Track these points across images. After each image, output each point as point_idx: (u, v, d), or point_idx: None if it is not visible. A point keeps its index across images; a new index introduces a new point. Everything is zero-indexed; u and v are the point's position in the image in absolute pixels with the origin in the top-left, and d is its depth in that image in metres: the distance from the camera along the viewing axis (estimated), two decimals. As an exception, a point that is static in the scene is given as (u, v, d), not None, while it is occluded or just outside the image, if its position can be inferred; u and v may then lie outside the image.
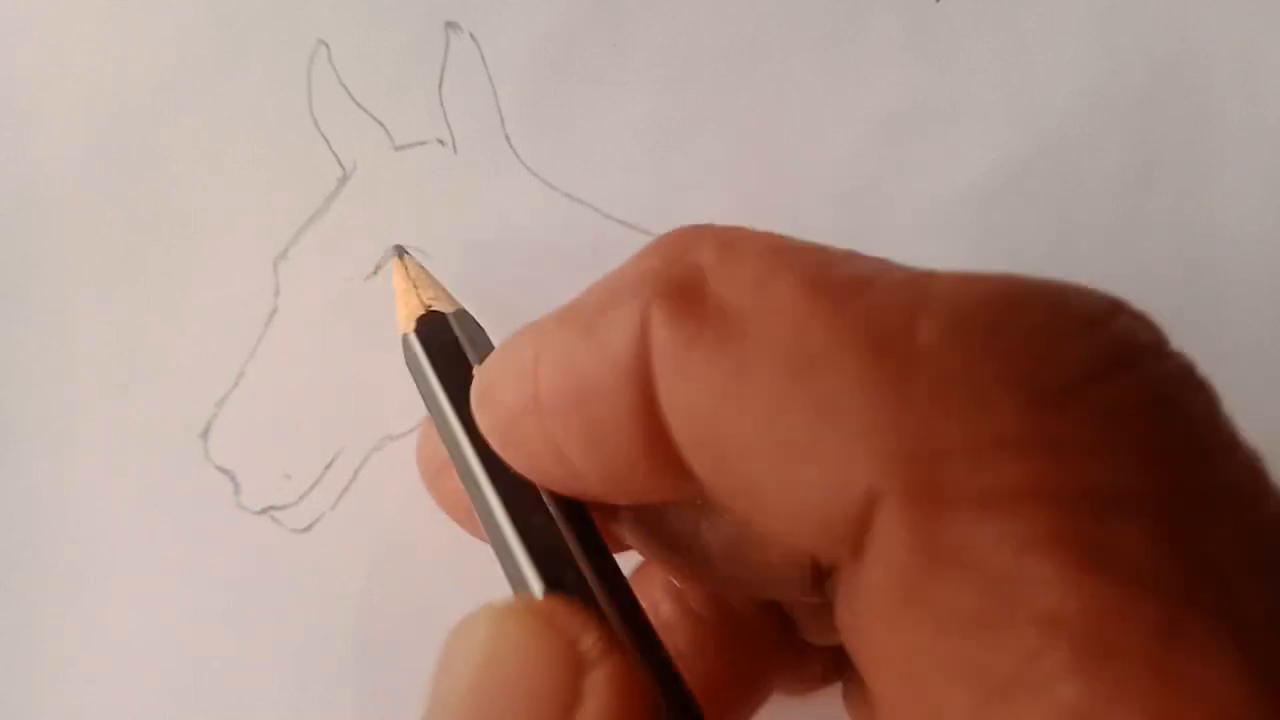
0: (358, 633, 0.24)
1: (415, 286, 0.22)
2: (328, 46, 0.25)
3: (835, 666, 0.21)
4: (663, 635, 0.17)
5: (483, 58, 0.25)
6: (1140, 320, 0.12)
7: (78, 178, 0.24)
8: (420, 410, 0.24)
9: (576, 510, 0.16)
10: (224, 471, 0.24)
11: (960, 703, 0.10)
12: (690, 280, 0.13)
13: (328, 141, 0.25)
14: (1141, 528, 0.10)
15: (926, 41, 0.26)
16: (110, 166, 0.24)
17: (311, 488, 0.24)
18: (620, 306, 0.14)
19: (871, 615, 0.12)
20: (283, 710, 0.24)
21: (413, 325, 0.21)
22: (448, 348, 0.20)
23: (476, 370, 0.18)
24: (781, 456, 0.12)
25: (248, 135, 0.24)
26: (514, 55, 0.25)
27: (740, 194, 0.26)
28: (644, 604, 0.17)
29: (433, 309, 0.22)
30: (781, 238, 0.14)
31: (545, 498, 0.16)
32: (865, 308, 0.12)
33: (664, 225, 0.26)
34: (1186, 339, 0.13)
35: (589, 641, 0.13)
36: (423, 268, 0.23)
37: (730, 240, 0.14)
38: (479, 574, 0.24)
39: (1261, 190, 0.26)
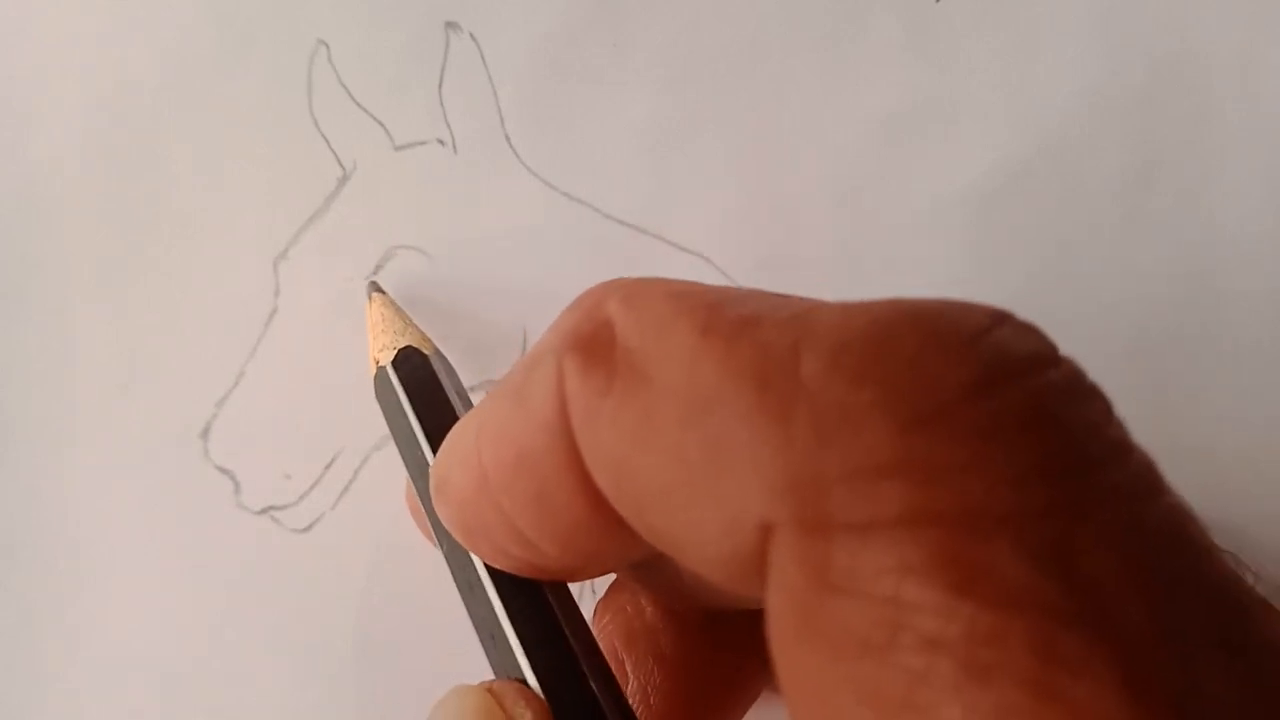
0: (358, 633, 0.24)
1: (386, 326, 0.22)
2: (328, 46, 0.25)
3: None
4: (646, 640, 0.18)
5: (483, 58, 0.25)
6: (1022, 331, 0.12)
7: (78, 178, 0.24)
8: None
9: (529, 589, 0.17)
10: (224, 471, 0.24)
11: None
12: (599, 334, 0.14)
13: (328, 141, 0.25)
14: (1017, 547, 0.10)
15: (926, 41, 0.26)
16: (110, 166, 0.24)
17: (311, 488, 0.24)
18: (540, 367, 0.14)
19: (778, 641, 0.12)
20: (283, 710, 0.24)
21: (391, 357, 0.21)
22: (424, 385, 0.20)
23: (431, 467, 0.18)
24: (686, 497, 0.13)
25: (248, 135, 0.24)
26: (514, 55, 0.25)
27: (740, 194, 0.26)
28: (628, 608, 0.18)
29: (409, 346, 0.22)
30: (684, 284, 0.14)
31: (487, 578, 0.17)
32: (752, 345, 0.12)
33: (664, 225, 0.26)
34: (1186, 339, 0.13)
35: (525, 714, 0.15)
36: (385, 308, 0.23)
37: (635, 292, 0.14)
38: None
39: (1261, 190, 0.26)
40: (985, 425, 0.11)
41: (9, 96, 0.24)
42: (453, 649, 0.24)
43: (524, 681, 0.16)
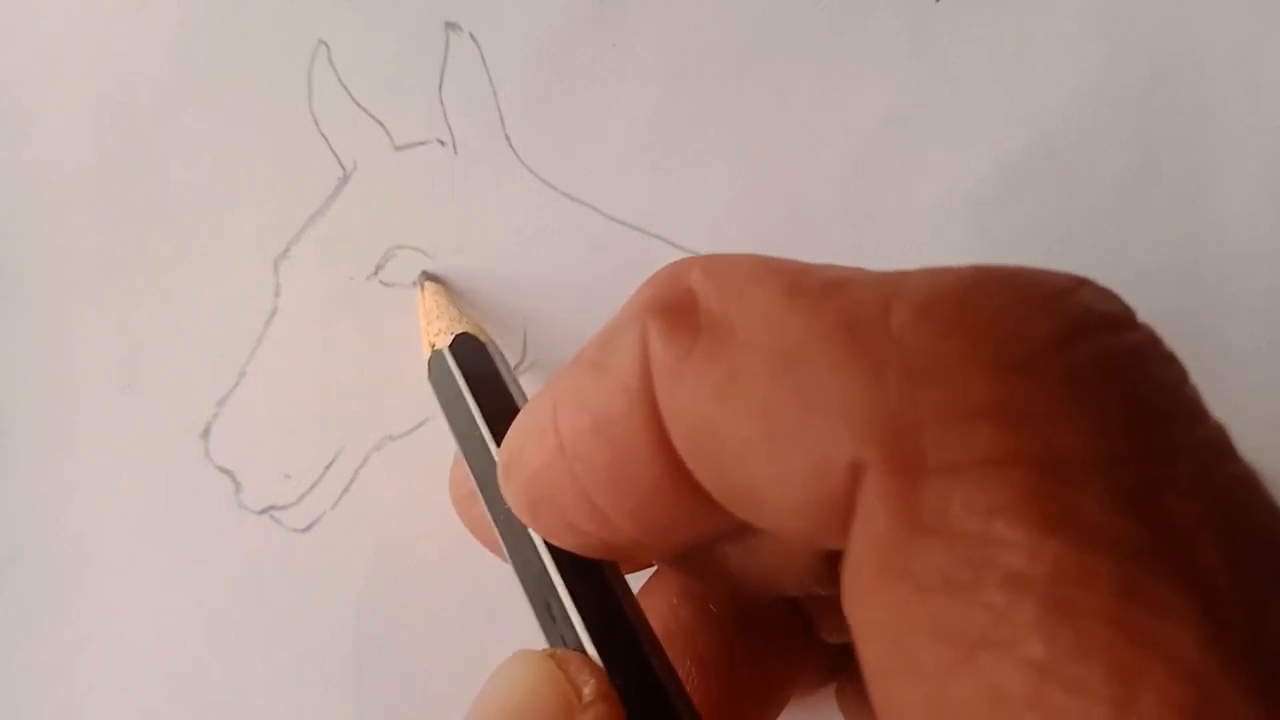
0: (358, 633, 0.24)
1: (441, 312, 0.22)
2: (328, 46, 0.25)
3: (833, 665, 0.21)
4: (683, 640, 0.18)
5: (483, 58, 0.25)
6: (1104, 294, 0.13)
7: (78, 178, 0.24)
8: (422, 411, 0.24)
9: (590, 569, 0.17)
10: (224, 471, 0.24)
11: (938, 660, 0.11)
12: (681, 300, 0.14)
13: (328, 141, 0.25)
14: (1104, 491, 0.11)
15: (926, 41, 0.26)
16: (110, 166, 0.24)
17: (311, 488, 0.24)
18: (621, 336, 0.15)
19: (857, 585, 0.12)
20: (283, 710, 0.24)
21: (448, 342, 0.21)
22: (479, 370, 0.21)
23: (499, 449, 0.18)
24: (772, 450, 0.13)
25: (248, 135, 0.24)
26: (514, 55, 0.25)
27: (740, 194, 0.26)
28: (662, 608, 0.18)
29: (435, 347, 0.22)
30: (763, 257, 0.15)
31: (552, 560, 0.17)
32: (840, 303, 0.13)
33: (664, 225, 0.26)
34: (1186, 339, 0.13)
35: (590, 686, 0.16)
36: (439, 294, 0.23)
37: (716, 263, 0.15)
38: (478, 574, 0.24)
39: (1261, 190, 0.26)
40: (1072, 375, 0.11)
41: (9, 96, 0.24)
42: (453, 649, 0.24)
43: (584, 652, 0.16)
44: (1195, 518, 0.11)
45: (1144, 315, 0.13)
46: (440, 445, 0.24)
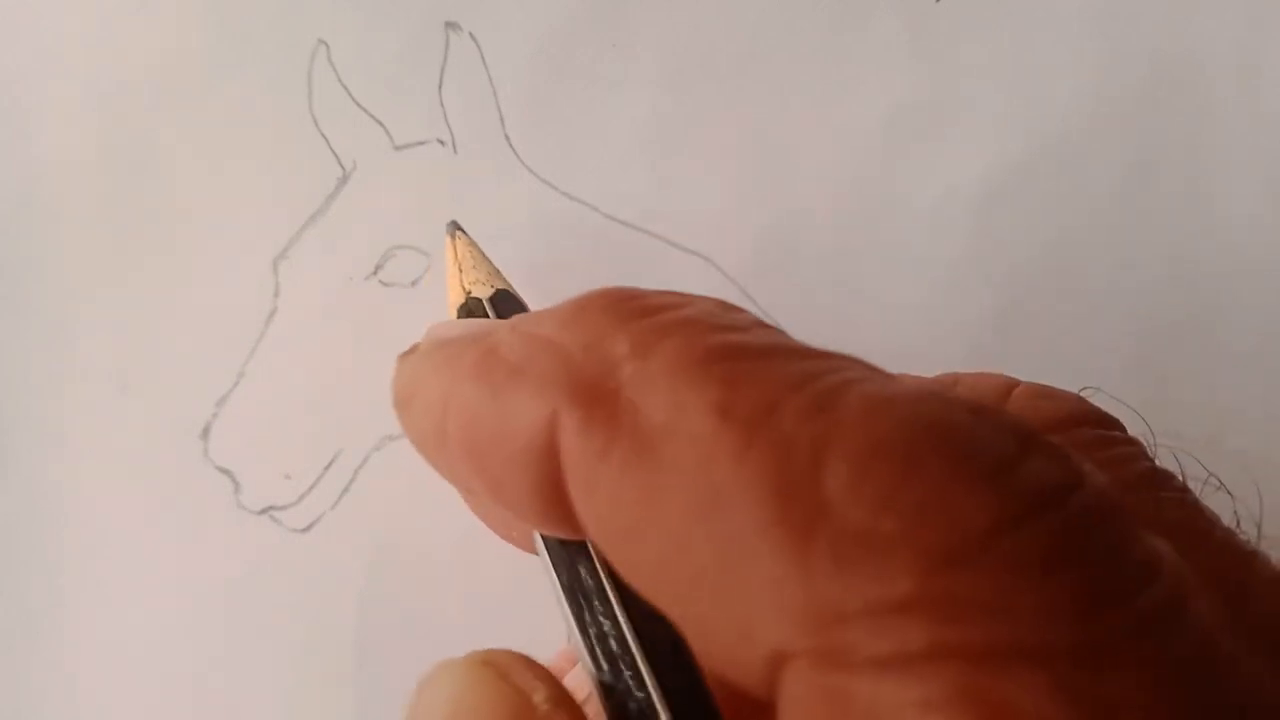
0: (358, 633, 0.24)
1: (460, 269, 0.22)
2: (328, 46, 0.25)
3: None
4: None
5: (483, 58, 0.25)
6: (1050, 458, 0.12)
7: (78, 177, 0.24)
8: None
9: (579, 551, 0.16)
10: (224, 471, 0.24)
11: None
12: (602, 382, 0.13)
13: (328, 141, 0.25)
14: (1041, 682, 0.10)
15: (926, 41, 0.26)
16: (110, 166, 0.24)
17: (311, 488, 0.24)
18: (528, 387, 0.14)
19: None
20: (283, 710, 0.24)
21: (489, 293, 0.21)
22: None
23: (395, 367, 0.17)
24: (689, 591, 0.12)
25: (248, 135, 0.24)
26: (514, 55, 0.25)
27: (740, 194, 0.26)
28: None
29: (471, 294, 0.21)
30: (695, 325, 0.13)
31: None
32: (772, 441, 0.12)
33: (664, 225, 0.26)
34: (1187, 339, 0.13)
35: (541, 695, 0.14)
36: (472, 247, 0.23)
37: (647, 339, 0.13)
38: (478, 574, 0.24)
39: (1261, 190, 0.26)
40: (1012, 563, 0.11)
41: (9, 96, 0.24)
42: (452, 649, 0.24)
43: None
44: (1145, 704, 0.10)
45: (1144, 315, 0.13)
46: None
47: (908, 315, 0.26)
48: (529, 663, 0.15)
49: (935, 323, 0.26)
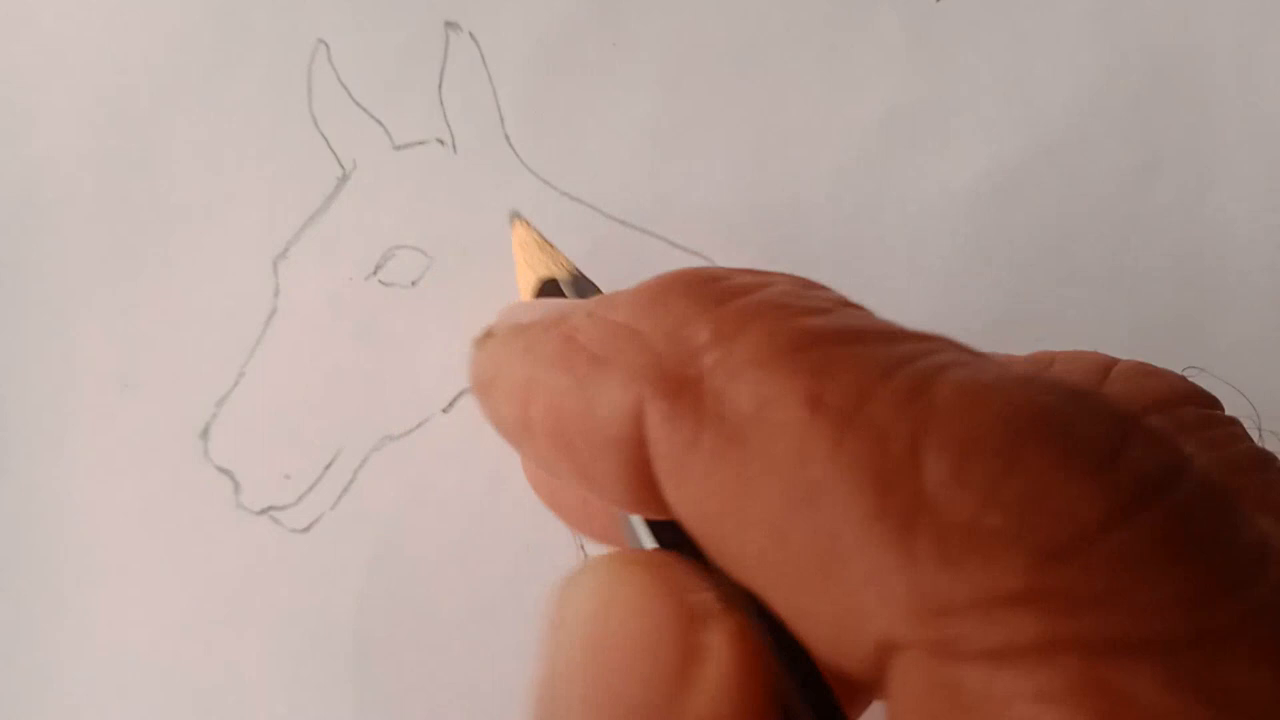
0: (358, 633, 0.24)
1: (529, 252, 0.22)
2: (328, 46, 0.25)
3: None
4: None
5: (483, 58, 0.25)
6: (1153, 446, 0.12)
7: (78, 177, 0.24)
8: (421, 411, 0.24)
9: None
10: (224, 471, 0.24)
11: None
12: (685, 374, 0.13)
13: (327, 141, 0.25)
14: (1159, 673, 0.10)
15: (926, 41, 0.26)
16: (110, 166, 0.24)
17: (311, 488, 0.24)
18: (612, 377, 0.13)
19: None
20: (283, 710, 0.24)
21: (567, 277, 0.21)
22: None
23: (471, 352, 0.17)
24: (789, 580, 0.12)
25: (248, 135, 0.24)
26: (514, 55, 0.25)
27: (740, 194, 0.26)
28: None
29: (582, 276, 0.21)
30: (781, 310, 0.13)
31: None
32: (867, 434, 0.12)
33: (664, 225, 0.26)
34: (1186, 339, 0.13)
35: (706, 597, 0.13)
36: (535, 235, 0.23)
37: (730, 330, 0.13)
38: (478, 574, 0.24)
39: (1261, 189, 0.26)
40: (1122, 556, 0.11)
41: (9, 96, 0.24)
42: (452, 649, 0.24)
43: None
44: (1267, 691, 0.10)
45: (1144, 315, 0.13)
46: (440, 445, 0.24)
47: (907, 315, 0.26)
48: (690, 563, 0.14)
49: (935, 322, 0.26)
